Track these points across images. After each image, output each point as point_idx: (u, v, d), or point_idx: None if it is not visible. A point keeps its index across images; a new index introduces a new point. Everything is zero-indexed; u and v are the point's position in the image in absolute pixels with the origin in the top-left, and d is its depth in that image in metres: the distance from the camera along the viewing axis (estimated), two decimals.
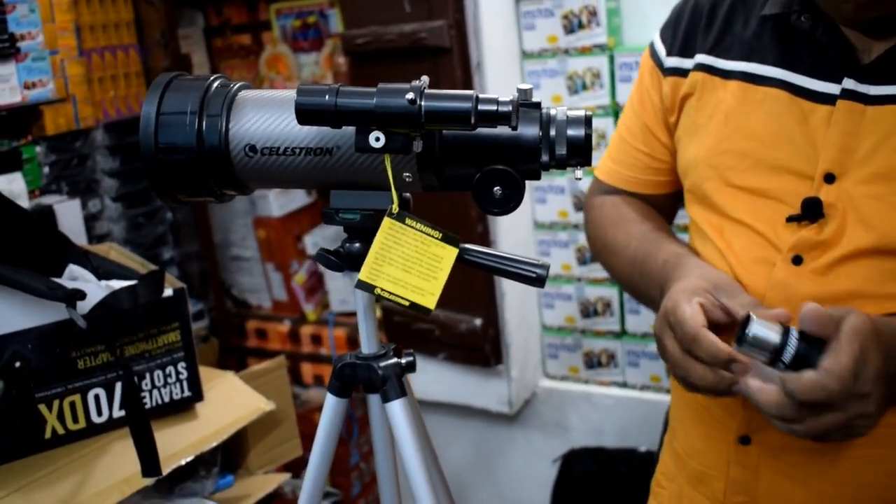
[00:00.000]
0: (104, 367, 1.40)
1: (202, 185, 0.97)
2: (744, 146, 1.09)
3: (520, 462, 2.48)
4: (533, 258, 1.00)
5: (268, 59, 2.57)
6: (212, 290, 2.48)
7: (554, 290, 2.32)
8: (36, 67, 2.10)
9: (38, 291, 1.26)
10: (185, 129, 0.94)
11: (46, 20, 2.14)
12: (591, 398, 2.33)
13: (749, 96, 1.10)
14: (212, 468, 1.59)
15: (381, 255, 0.94)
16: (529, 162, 0.93)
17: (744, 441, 1.11)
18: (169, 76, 0.97)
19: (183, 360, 1.49)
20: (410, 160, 0.93)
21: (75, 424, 1.40)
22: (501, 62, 2.16)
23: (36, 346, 1.34)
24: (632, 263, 1.21)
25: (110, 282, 1.41)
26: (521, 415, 2.42)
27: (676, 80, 1.19)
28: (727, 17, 1.15)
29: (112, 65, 2.36)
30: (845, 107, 1.02)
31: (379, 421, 1.07)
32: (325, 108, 0.86)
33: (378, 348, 1.06)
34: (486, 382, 2.32)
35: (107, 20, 2.34)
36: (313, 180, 0.97)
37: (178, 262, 2.55)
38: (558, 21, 2.15)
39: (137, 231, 2.44)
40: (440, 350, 2.29)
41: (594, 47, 2.13)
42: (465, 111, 0.84)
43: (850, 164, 1.02)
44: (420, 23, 2.05)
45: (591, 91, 2.16)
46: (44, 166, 2.19)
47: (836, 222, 1.02)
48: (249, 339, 2.68)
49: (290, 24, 2.52)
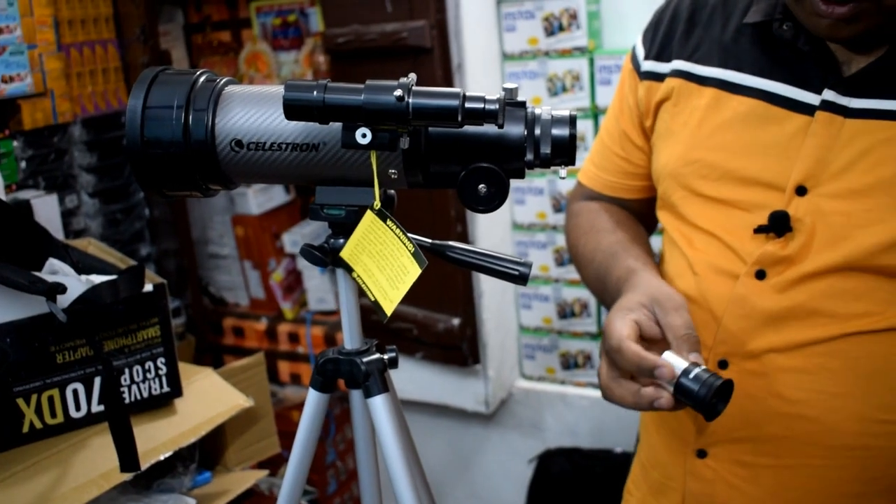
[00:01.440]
0: (83, 362, 1.40)
1: (188, 179, 0.97)
2: (714, 156, 1.08)
3: (496, 462, 2.49)
4: (517, 256, 1.01)
5: (247, 57, 2.56)
6: (189, 288, 2.46)
7: (531, 291, 2.33)
8: (13, 61, 2.08)
9: (19, 285, 1.25)
10: (171, 123, 0.94)
11: (25, 14, 2.12)
12: (567, 399, 2.34)
13: (723, 104, 1.09)
14: (189, 464, 1.59)
15: (360, 243, 0.95)
16: (514, 160, 0.94)
17: (700, 454, 1.12)
18: (155, 70, 0.97)
19: (162, 356, 1.48)
20: (396, 157, 0.94)
21: (53, 419, 1.40)
22: (482, 63, 2.17)
23: (14, 340, 1.33)
24: (596, 278, 1.20)
25: (90, 276, 1.40)
26: (497, 414, 2.43)
27: (651, 84, 1.18)
28: (707, 23, 1.14)
29: (91, 60, 2.35)
30: (824, 118, 1.01)
31: (361, 417, 1.07)
32: (313, 104, 0.86)
33: (361, 344, 1.06)
34: (464, 382, 2.33)
35: (86, 15, 2.33)
36: (299, 176, 0.97)
37: (156, 258, 2.53)
38: (539, 23, 2.16)
39: (115, 227, 2.42)
40: (418, 349, 2.30)
41: (574, 50, 2.14)
42: (453, 108, 0.85)
43: (823, 177, 1.01)
44: (401, 22, 2.06)
45: (570, 93, 2.17)
46: (21, 161, 2.17)
47: (802, 237, 1.01)
48: (227, 336, 2.67)
49: (270, 21, 2.52)
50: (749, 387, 1.06)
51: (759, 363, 1.05)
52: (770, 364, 1.05)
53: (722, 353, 1.08)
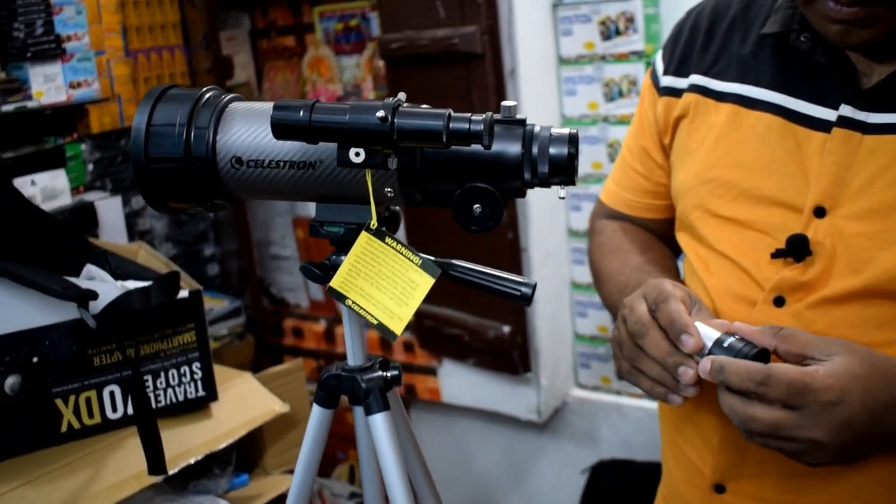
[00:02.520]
0: (119, 365, 1.44)
1: (191, 194, 0.98)
2: (731, 174, 1.04)
3: (549, 471, 2.47)
4: (520, 277, 0.99)
5: (310, 62, 2.59)
6: (248, 288, 2.51)
7: (587, 299, 2.30)
8: (81, 68, 2.16)
9: (52, 291, 1.30)
10: (173, 140, 0.96)
11: (94, 21, 2.20)
12: (623, 410, 2.30)
13: (741, 120, 1.04)
14: (226, 467, 1.62)
15: (355, 267, 0.95)
16: (512, 179, 0.92)
17: (718, 490, 1.07)
18: (161, 88, 0.99)
19: (198, 361, 1.51)
20: (391, 175, 0.93)
21: (90, 419, 1.44)
22: (537, 68, 2.14)
23: (53, 343, 1.38)
24: (619, 291, 1.15)
25: (126, 282, 1.45)
26: (551, 423, 2.41)
27: (670, 100, 1.13)
28: (725, 36, 1.09)
29: (157, 65, 2.42)
30: (840, 135, 0.95)
31: (364, 432, 1.07)
32: (299, 124, 0.86)
33: (363, 361, 1.06)
34: (515, 390, 2.31)
35: (153, 21, 2.39)
36: (298, 193, 0.97)
37: (220, 258, 2.59)
38: (595, 27, 2.13)
39: (179, 228, 2.49)
40: (469, 355, 2.29)
41: (631, 54, 2.10)
42: (437, 129, 0.84)
43: (842, 197, 0.95)
44: (453, 28, 2.05)
45: (627, 98, 2.13)
46: (88, 163, 2.25)
47: (822, 262, 0.96)
48: (286, 337, 2.71)
49: (333, 26, 2.54)
50: None
51: None
52: None
53: None
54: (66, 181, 2.15)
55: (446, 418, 2.56)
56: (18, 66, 2.02)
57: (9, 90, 1.98)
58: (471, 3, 2.03)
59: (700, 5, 1.17)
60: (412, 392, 2.49)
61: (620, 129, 2.15)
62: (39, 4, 2.04)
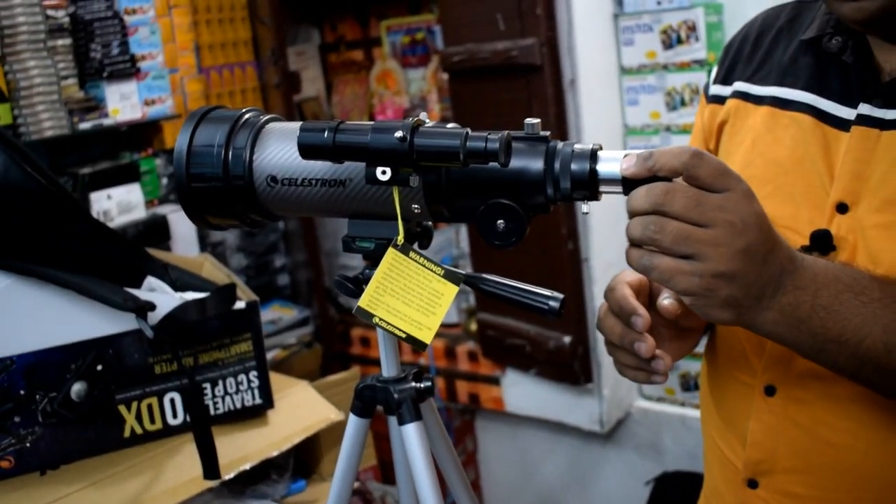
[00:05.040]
0: (179, 373, 1.50)
1: (229, 211, 1.03)
2: (766, 172, 1.06)
3: (613, 481, 2.45)
4: (548, 290, 1.00)
5: (378, 75, 2.64)
6: (315, 298, 2.57)
7: None
8: (156, 85, 2.25)
9: (113, 302, 1.36)
10: (212, 160, 1.00)
11: (168, 41, 2.29)
12: (687, 421, 2.27)
13: (776, 121, 1.07)
14: (284, 473, 1.66)
15: (382, 284, 0.97)
16: (535, 195, 0.94)
17: (752, 485, 1.08)
18: (203, 109, 1.04)
19: (254, 369, 1.56)
20: (418, 192, 0.95)
21: (152, 425, 1.50)
22: (597, 79, 2.14)
23: (116, 351, 1.45)
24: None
25: (185, 294, 1.50)
26: (615, 434, 2.39)
27: (715, 107, 1.17)
28: (771, 45, 1.12)
29: (230, 81, 2.50)
30: (859, 133, 0.98)
31: (398, 442, 1.10)
32: (324, 145, 0.90)
33: (397, 372, 1.08)
34: (579, 400, 2.31)
35: (225, 39, 2.48)
36: (330, 210, 1.01)
37: (290, 269, 2.66)
38: (657, 36, 2.12)
39: (250, 239, 2.56)
40: (532, 365, 2.30)
41: (693, 63, 2.08)
42: (454, 149, 0.86)
43: (863, 192, 0.97)
44: (512, 41, 2.07)
45: (689, 107, 2.11)
46: (162, 178, 2.34)
47: (845, 256, 0.98)
48: (354, 346, 2.76)
49: (400, 40, 2.59)
50: (797, 415, 1.02)
51: (805, 390, 1.01)
52: (816, 391, 1.01)
53: (768, 379, 1.04)
54: (141, 195, 2.24)
55: (510, 427, 2.57)
56: (96, 84, 2.12)
57: (87, 108, 2.08)
58: (530, 15, 2.05)
59: (755, 18, 1.20)
60: (476, 401, 2.51)
61: (683, 138, 2.13)
62: (115, 26, 2.13)
